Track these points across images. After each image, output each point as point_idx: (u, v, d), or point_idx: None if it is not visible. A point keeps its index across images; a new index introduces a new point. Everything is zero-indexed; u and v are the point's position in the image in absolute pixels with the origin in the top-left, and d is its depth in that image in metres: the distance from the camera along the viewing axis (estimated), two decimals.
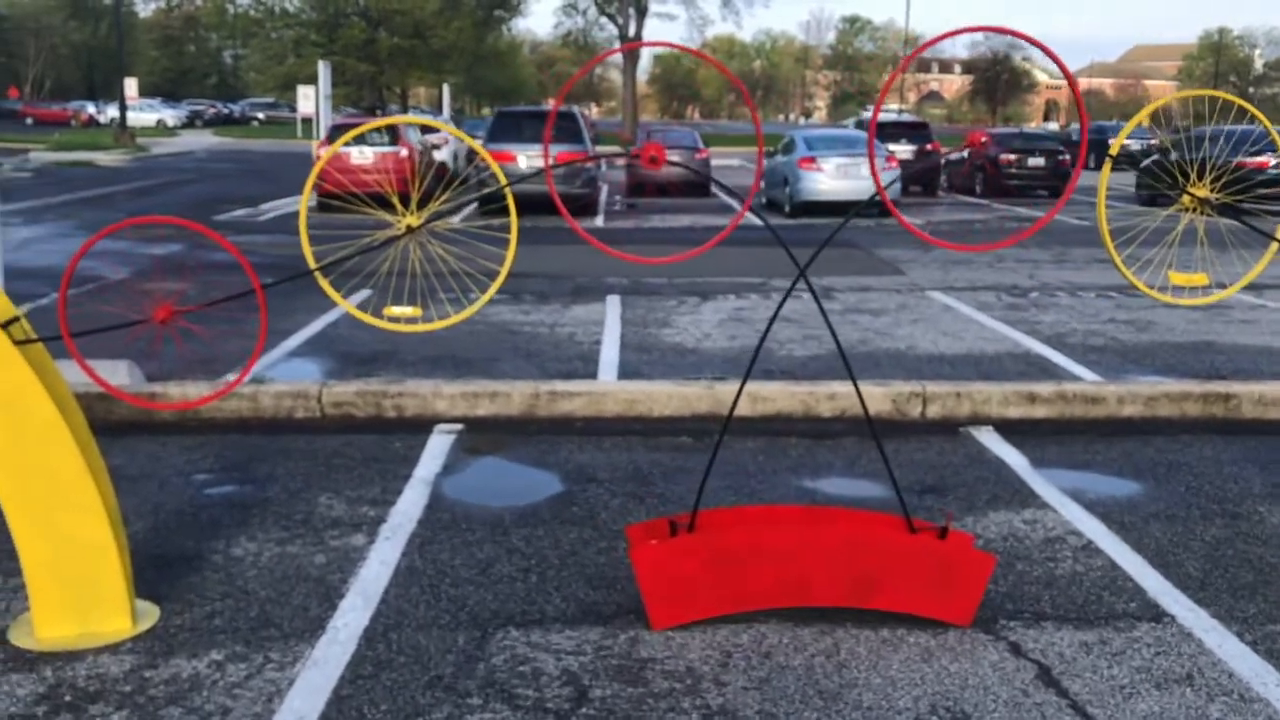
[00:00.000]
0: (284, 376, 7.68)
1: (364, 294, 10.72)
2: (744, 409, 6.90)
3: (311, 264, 4.07)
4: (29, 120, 61.48)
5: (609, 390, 6.95)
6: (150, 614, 4.19)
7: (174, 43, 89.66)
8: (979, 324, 10.26)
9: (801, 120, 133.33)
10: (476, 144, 4.45)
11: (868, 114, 49.96)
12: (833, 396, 6.94)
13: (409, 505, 5.40)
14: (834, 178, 20.08)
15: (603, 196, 23.96)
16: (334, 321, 9.81)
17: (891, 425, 6.90)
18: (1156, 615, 4.32)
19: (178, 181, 27.21)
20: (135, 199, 22.45)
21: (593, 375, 8.06)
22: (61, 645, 3.95)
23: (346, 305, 4.26)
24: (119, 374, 7.00)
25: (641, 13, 56.66)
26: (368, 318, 4.30)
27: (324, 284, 4.15)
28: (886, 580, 4.11)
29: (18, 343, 3.85)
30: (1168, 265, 4.43)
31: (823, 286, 12.39)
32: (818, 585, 4.12)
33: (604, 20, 66.77)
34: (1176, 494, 5.73)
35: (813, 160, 20.10)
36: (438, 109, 60.89)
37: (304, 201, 4.20)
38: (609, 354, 8.77)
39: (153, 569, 4.58)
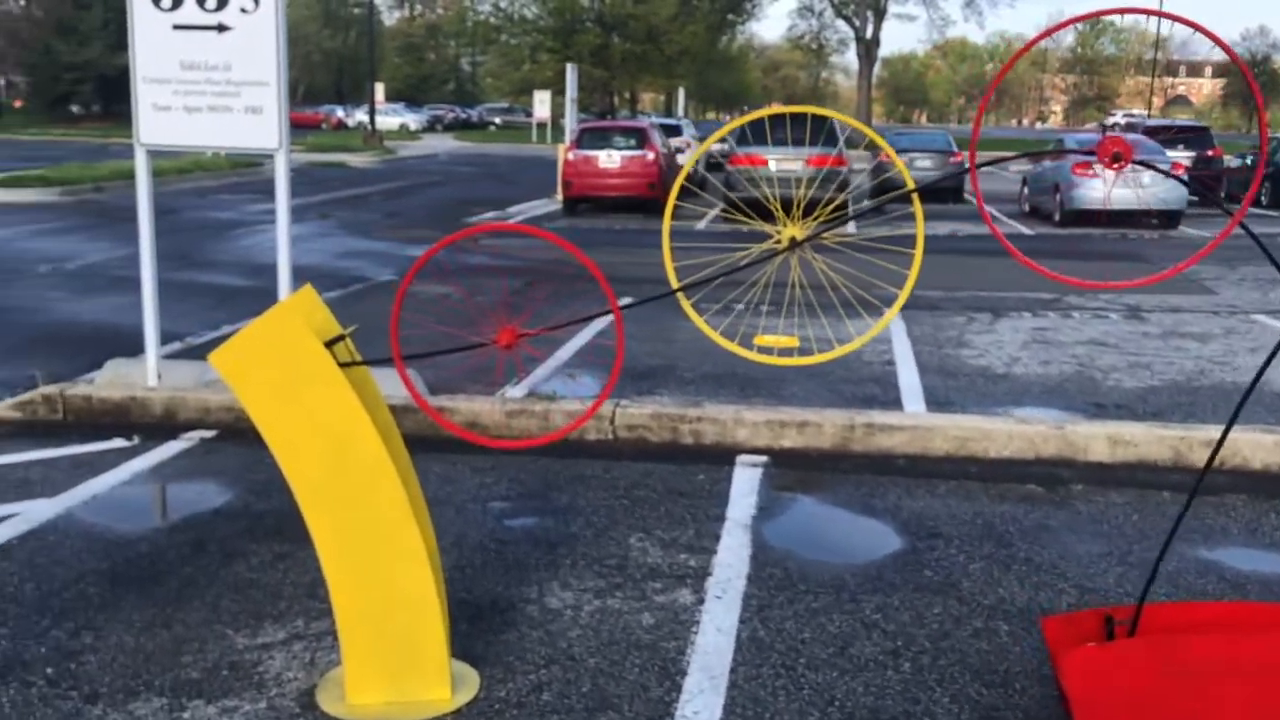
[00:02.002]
0: (563, 391, 7.17)
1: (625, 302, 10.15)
2: (1101, 453, 5.91)
3: (674, 282, 3.42)
4: None
5: (936, 425, 6.09)
6: (469, 681, 3.62)
7: (415, 50, 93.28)
8: None
9: (1037, 125, 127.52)
10: (888, 147, 3.67)
11: (1112, 119, 46.67)
12: (1210, 444, 5.85)
13: (731, 555, 4.70)
14: (1121, 186, 18.44)
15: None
16: (602, 330, 9.29)
17: None
18: None
19: (425, 183, 27.78)
20: (390, 199, 22.91)
21: (895, 401, 7.22)
22: (376, 715, 3.43)
23: (714, 335, 3.57)
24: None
25: (880, 14, 55.02)
26: (735, 347, 3.60)
27: (686, 307, 3.49)
28: None
29: (343, 365, 3.35)
30: None
31: (1127, 305, 11.11)
32: None
33: (839, 23, 65.37)
34: None
35: (1089, 165, 18.53)
36: (665, 114, 60.90)
37: (668, 211, 3.54)
38: (908, 377, 7.89)
39: (464, 620, 4.04)
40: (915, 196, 3.32)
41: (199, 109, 6.33)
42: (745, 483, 5.66)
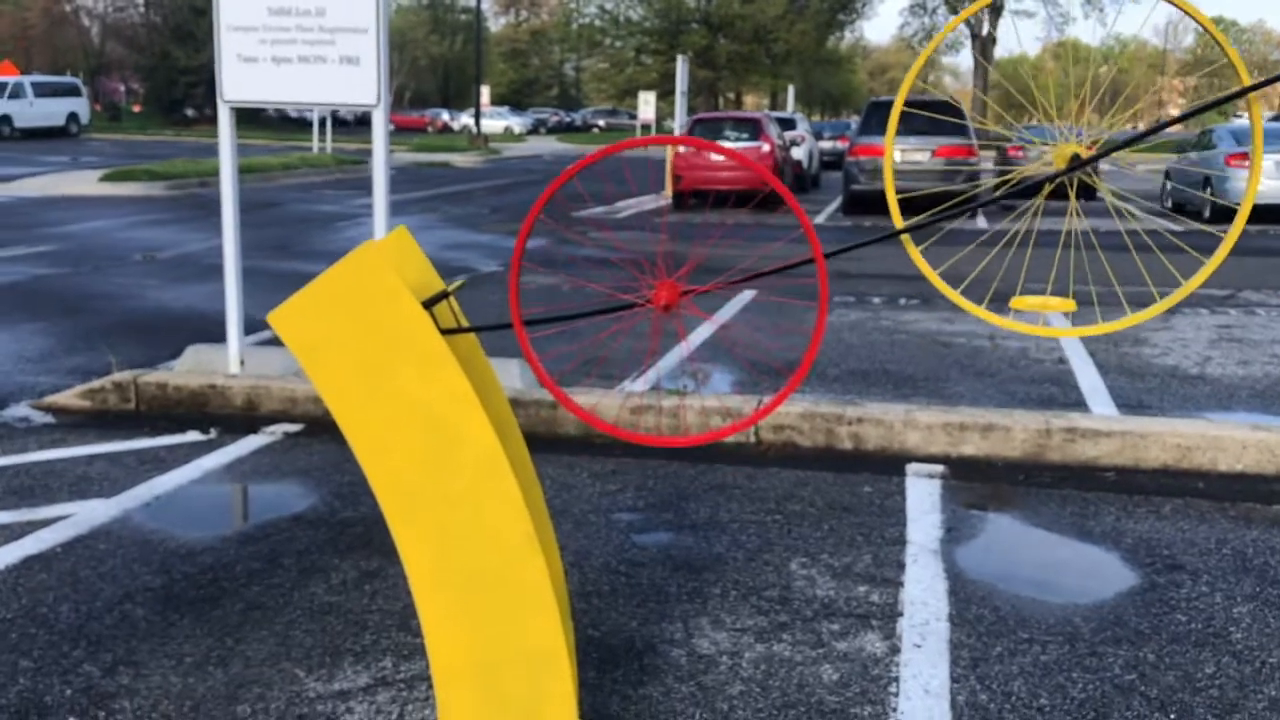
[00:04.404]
0: (695, 384, 6.27)
1: (748, 297, 9.22)
2: None
3: (898, 222, 2.50)
4: (391, 127, 65.31)
5: (1152, 431, 5.04)
6: None
7: (520, 55, 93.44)
8: None
9: None
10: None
11: (1239, 122, 43.88)
12: None
13: (923, 589, 3.75)
14: (1274, 177, 16.94)
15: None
16: (723, 323, 8.38)
17: None
18: None
19: (528, 181, 27.19)
20: (494, 195, 22.33)
21: (1078, 404, 6.18)
22: None
23: (953, 293, 2.64)
24: (510, 375, 5.79)
25: (996, 11, 53.08)
26: (983, 312, 2.66)
27: (914, 254, 2.57)
28: None
29: (446, 332, 2.49)
30: None
31: None
32: None
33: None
34: None
35: (1245, 156, 17.04)
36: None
37: (890, 130, 2.62)
38: (1089, 378, 6.81)
39: (592, 666, 3.16)
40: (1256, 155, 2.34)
41: (288, 59, 5.59)
42: (923, 497, 4.68)
